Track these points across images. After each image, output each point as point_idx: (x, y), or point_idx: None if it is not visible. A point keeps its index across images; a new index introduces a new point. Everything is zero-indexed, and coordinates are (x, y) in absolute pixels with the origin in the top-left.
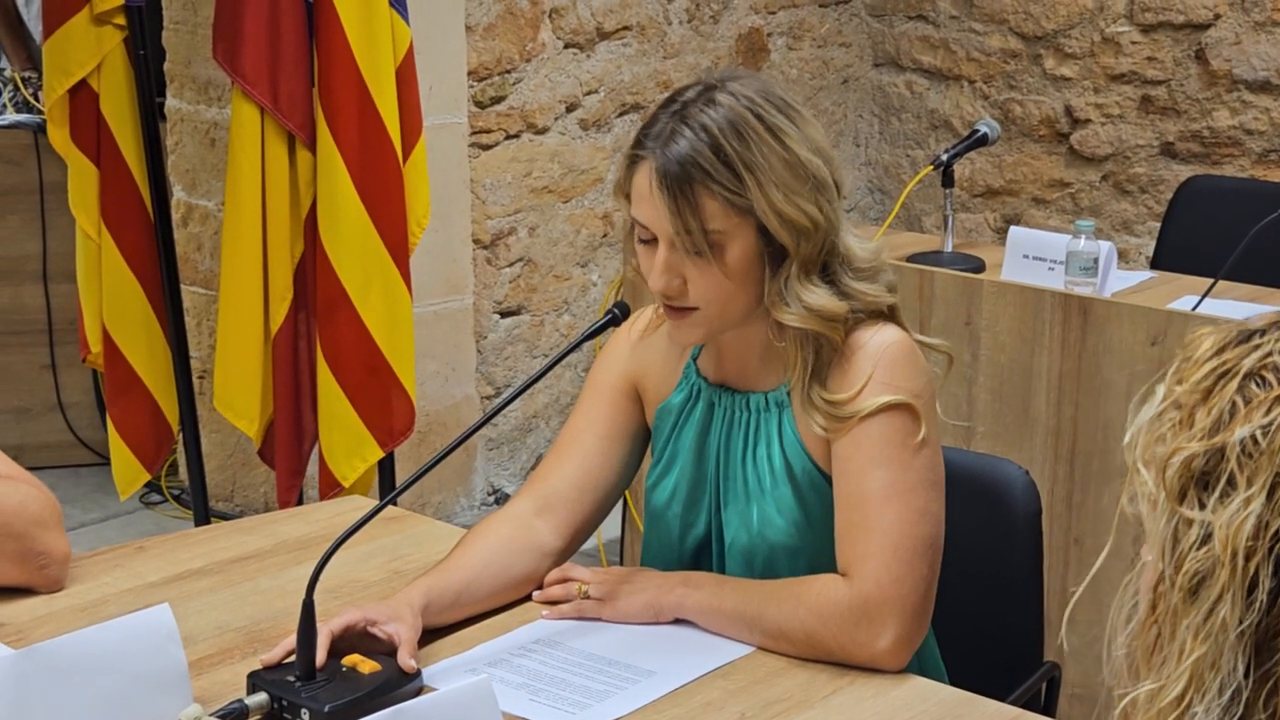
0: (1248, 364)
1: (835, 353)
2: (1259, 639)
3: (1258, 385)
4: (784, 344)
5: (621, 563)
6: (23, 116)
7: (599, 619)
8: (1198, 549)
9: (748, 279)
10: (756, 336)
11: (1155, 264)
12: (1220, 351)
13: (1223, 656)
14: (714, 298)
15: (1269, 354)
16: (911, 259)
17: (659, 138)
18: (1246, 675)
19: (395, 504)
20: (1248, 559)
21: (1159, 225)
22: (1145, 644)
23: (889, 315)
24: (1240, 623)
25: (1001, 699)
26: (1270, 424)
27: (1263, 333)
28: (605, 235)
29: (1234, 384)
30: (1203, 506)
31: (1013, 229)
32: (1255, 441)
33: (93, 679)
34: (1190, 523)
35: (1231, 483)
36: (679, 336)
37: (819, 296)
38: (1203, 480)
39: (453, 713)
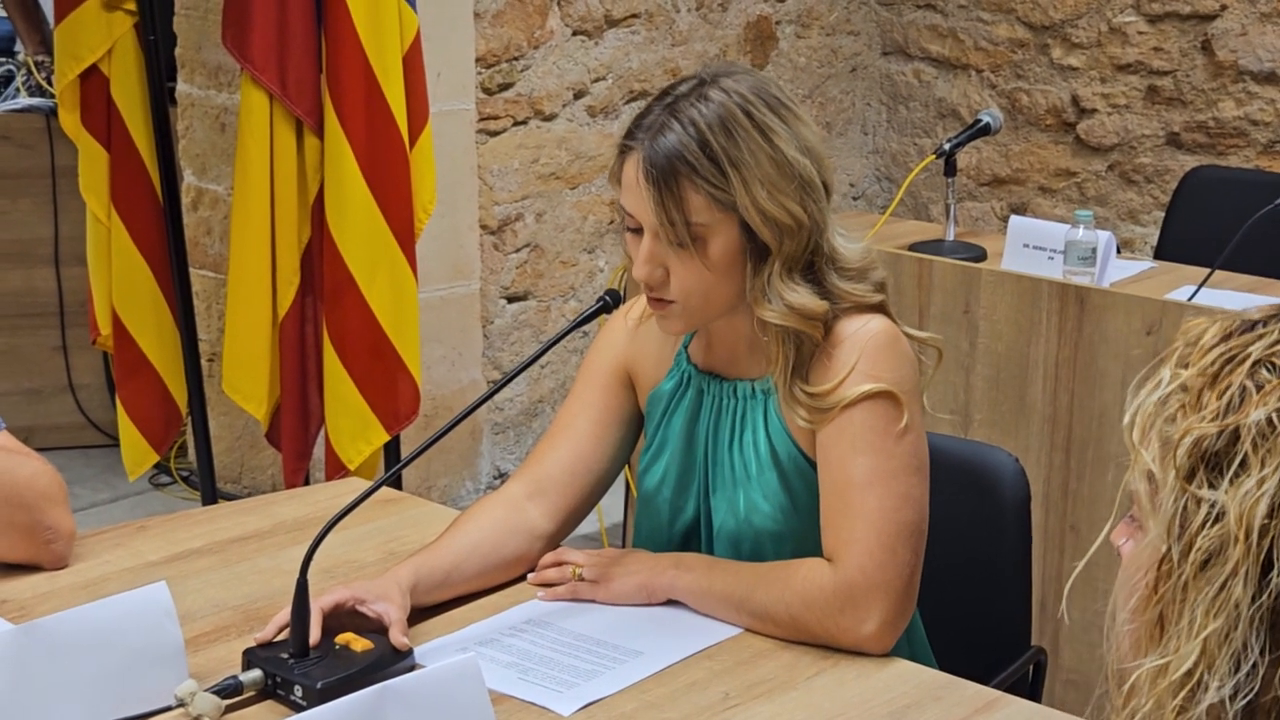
0: (1255, 351)
1: (816, 348)
2: (1274, 619)
3: (1268, 371)
4: (766, 339)
5: (623, 547)
6: (35, 100)
7: (592, 600)
8: (1209, 527)
9: (729, 273)
10: (744, 326)
11: (1159, 254)
12: (1226, 338)
13: (1236, 631)
14: (694, 290)
15: (1276, 342)
16: (913, 247)
17: (649, 129)
18: (1262, 653)
19: (398, 487)
20: (1262, 537)
21: (1164, 215)
22: (1149, 621)
23: (877, 308)
24: (1254, 601)
25: (987, 683)
26: None
27: (1264, 323)
28: (612, 222)
29: (1243, 369)
30: (1214, 487)
31: (1013, 218)
32: (1270, 424)
33: (91, 654)
34: (1200, 501)
35: (1245, 464)
36: (663, 326)
37: (800, 295)
38: (1214, 461)
39: (439, 690)
